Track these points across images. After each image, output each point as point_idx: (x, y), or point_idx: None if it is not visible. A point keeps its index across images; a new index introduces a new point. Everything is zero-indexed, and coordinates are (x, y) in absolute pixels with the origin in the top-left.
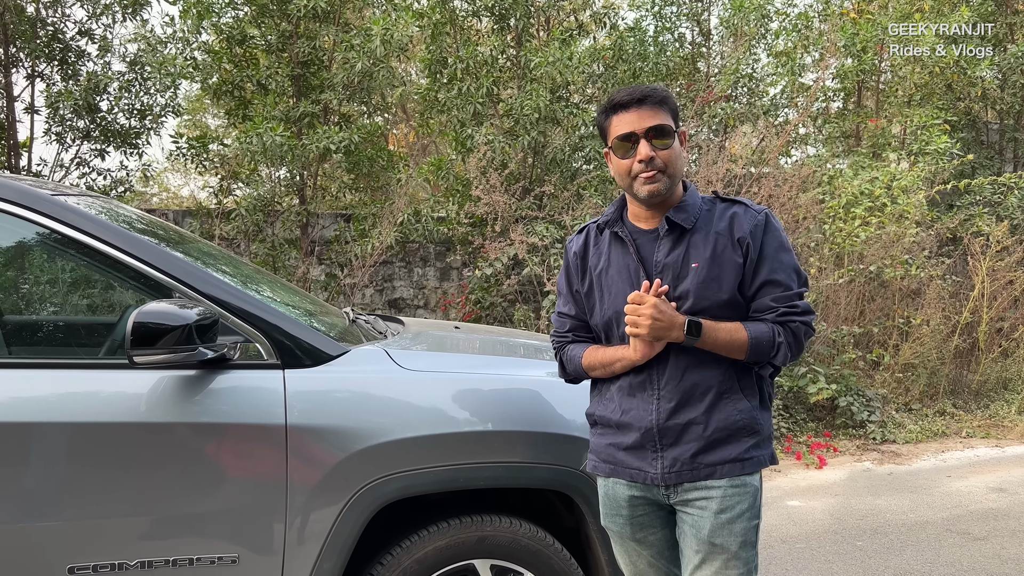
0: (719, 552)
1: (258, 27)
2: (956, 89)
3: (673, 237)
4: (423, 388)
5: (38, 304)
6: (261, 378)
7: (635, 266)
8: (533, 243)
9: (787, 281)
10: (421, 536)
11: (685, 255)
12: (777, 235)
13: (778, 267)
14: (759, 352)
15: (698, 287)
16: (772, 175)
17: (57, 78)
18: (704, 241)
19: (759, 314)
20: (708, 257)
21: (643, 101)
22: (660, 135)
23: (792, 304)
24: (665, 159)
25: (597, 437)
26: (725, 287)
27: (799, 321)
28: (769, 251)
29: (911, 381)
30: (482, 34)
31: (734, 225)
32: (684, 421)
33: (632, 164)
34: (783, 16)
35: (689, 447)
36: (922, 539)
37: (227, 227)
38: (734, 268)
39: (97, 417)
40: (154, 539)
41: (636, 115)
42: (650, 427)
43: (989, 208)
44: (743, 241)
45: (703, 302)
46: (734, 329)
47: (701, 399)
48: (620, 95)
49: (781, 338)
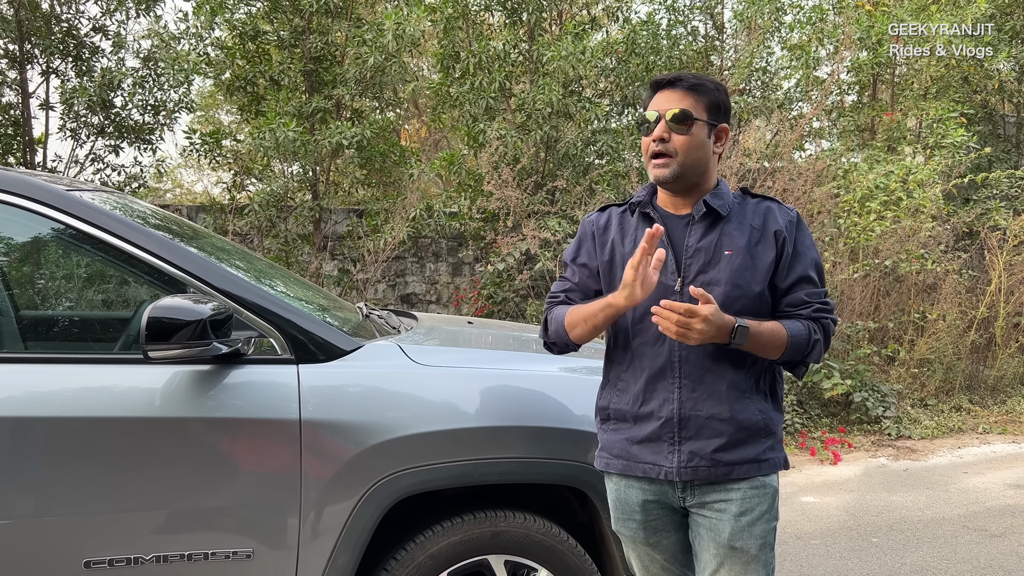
0: (739, 556)
1: (270, 23)
2: (972, 82)
3: (707, 223)
4: (436, 383)
5: (54, 299)
6: (275, 373)
7: (664, 249)
8: (545, 238)
9: (816, 279)
10: (435, 531)
11: (718, 242)
12: (808, 233)
13: (810, 264)
14: (795, 351)
15: (732, 275)
16: (786, 169)
17: (71, 74)
18: (739, 231)
19: (793, 308)
20: (743, 247)
21: (674, 84)
22: (679, 120)
23: (824, 301)
24: (679, 145)
25: (610, 432)
26: (758, 279)
27: (830, 319)
28: (802, 248)
29: (927, 376)
30: (494, 28)
31: (768, 219)
32: (706, 414)
33: (649, 143)
34: (797, 9)
35: (711, 442)
36: (938, 536)
37: (240, 222)
38: (768, 261)
39: (112, 412)
40: (169, 533)
41: (665, 97)
42: (671, 416)
43: (1006, 202)
44: (779, 235)
45: (735, 291)
46: (775, 329)
47: (724, 394)
48: (658, 79)
49: (817, 335)
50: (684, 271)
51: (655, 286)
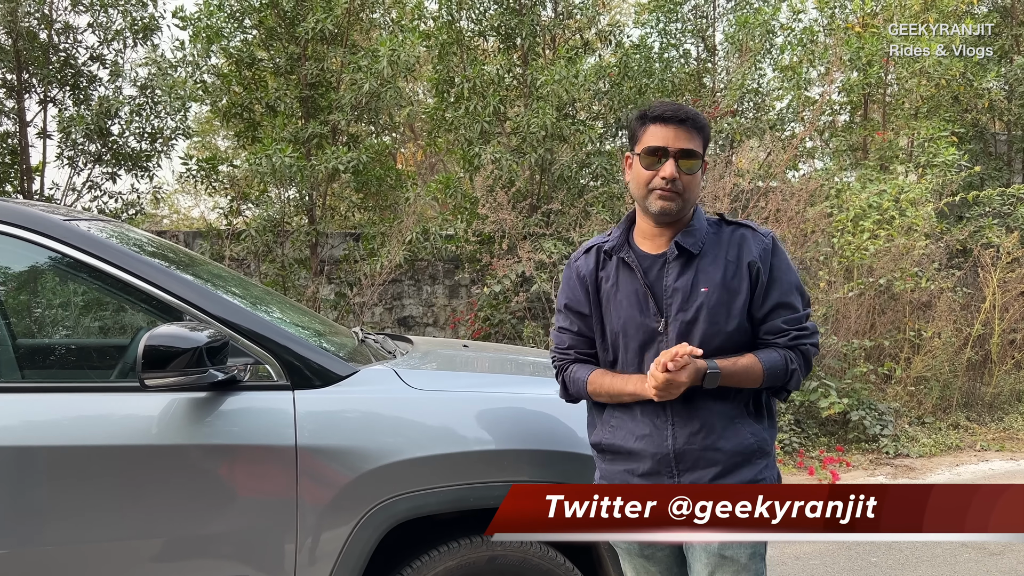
0: (729, 564)
1: (267, 50)
2: (963, 101)
3: (682, 261)
4: (433, 408)
5: (51, 328)
6: (271, 399)
7: (643, 291)
8: (541, 260)
9: (795, 303)
10: (432, 556)
11: (694, 279)
12: (784, 257)
13: (787, 289)
14: (773, 381)
15: (709, 314)
16: (779, 189)
17: (69, 103)
18: (713, 265)
19: (771, 336)
20: (719, 282)
21: (684, 122)
22: (689, 158)
23: (802, 327)
24: (686, 184)
25: (608, 463)
26: (734, 313)
27: (809, 344)
28: (778, 273)
29: (923, 394)
30: (488, 53)
31: (743, 250)
32: (700, 447)
33: (654, 177)
34: (788, 31)
35: (708, 471)
36: (937, 554)
37: (237, 248)
38: (743, 294)
39: (109, 440)
40: (166, 561)
41: (673, 133)
42: (666, 453)
43: (999, 219)
44: (753, 266)
45: (712, 328)
46: (750, 365)
47: (715, 425)
48: (663, 108)
49: (794, 364)
50: (666, 311)
51: (640, 328)
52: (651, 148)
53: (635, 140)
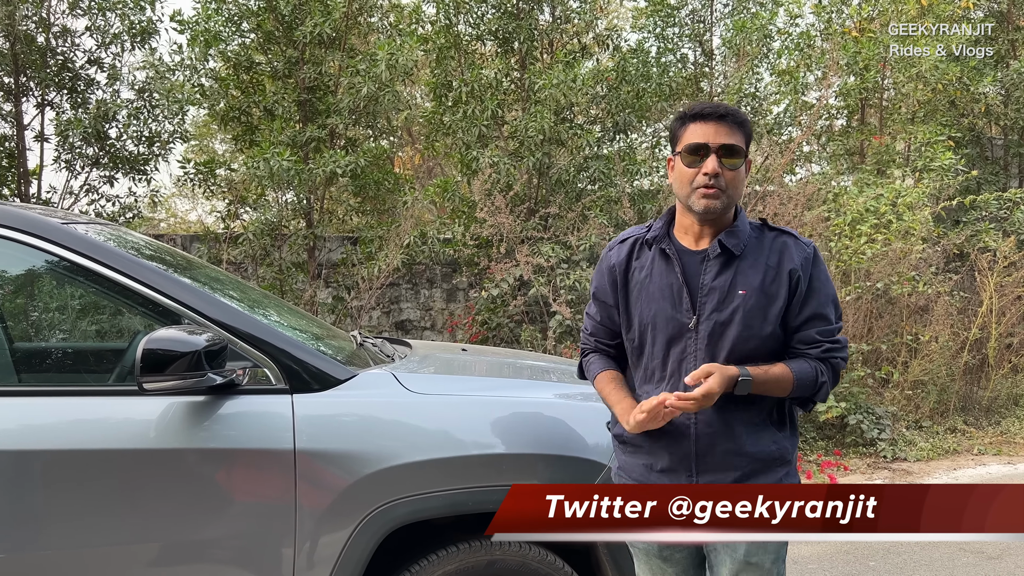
0: (754, 569)
1: (264, 54)
2: (959, 105)
3: (721, 261)
4: (431, 411)
5: (48, 332)
6: (269, 403)
7: (679, 286)
8: (539, 264)
9: (830, 315)
10: (431, 560)
11: (733, 280)
12: (823, 268)
13: (824, 301)
14: (801, 391)
15: (744, 316)
16: (777, 193)
17: (67, 106)
18: (753, 269)
19: (803, 346)
20: (757, 287)
21: (724, 117)
22: (731, 154)
23: (835, 340)
24: (729, 180)
25: (628, 456)
26: (770, 318)
27: (839, 357)
28: (817, 284)
29: (921, 398)
30: (486, 57)
31: (784, 257)
32: (722, 449)
33: (697, 175)
34: (785, 35)
35: (727, 475)
36: (935, 559)
37: (234, 251)
38: (780, 300)
39: (107, 444)
40: (163, 565)
41: (713, 129)
42: (687, 452)
43: (995, 224)
44: (794, 273)
45: (746, 332)
46: (782, 373)
47: (738, 430)
48: (703, 105)
49: (824, 377)
50: (699, 309)
51: (670, 321)
52: (692, 146)
53: (676, 141)
